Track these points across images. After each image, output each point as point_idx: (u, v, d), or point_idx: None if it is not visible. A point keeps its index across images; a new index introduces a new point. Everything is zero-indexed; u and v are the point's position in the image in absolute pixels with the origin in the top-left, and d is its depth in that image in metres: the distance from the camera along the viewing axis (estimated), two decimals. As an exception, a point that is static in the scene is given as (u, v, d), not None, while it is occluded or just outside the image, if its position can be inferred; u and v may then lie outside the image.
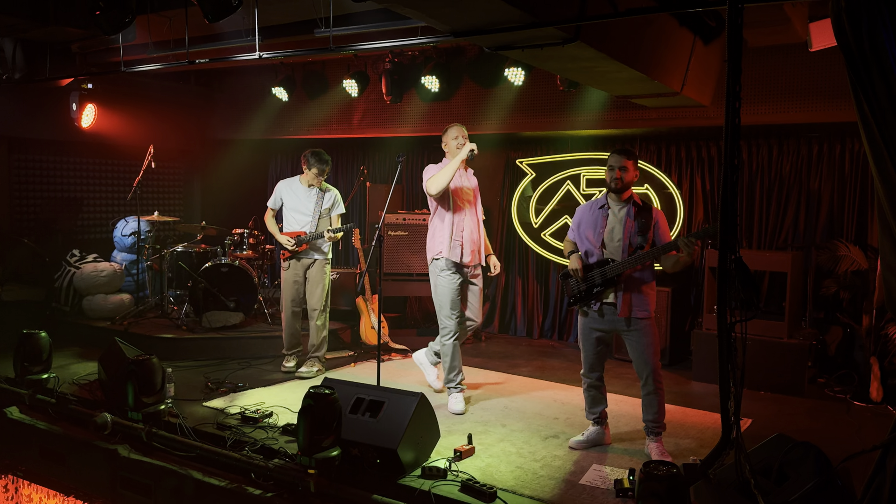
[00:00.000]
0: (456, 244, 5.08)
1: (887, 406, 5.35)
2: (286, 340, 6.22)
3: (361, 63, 7.66)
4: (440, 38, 4.77)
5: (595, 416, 4.49)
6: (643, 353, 4.22)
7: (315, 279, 6.10)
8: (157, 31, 5.98)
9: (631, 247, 4.20)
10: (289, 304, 6.14)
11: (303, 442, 3.77)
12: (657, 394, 4.23)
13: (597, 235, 4.32)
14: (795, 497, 2.82)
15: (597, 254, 4.31)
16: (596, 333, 4.36)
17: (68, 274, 7.53)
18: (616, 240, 4.26)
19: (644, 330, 4.22)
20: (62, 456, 5.01)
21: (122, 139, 8.41)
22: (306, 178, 6.09)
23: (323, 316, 6.14)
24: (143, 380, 4.65)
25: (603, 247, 4.29)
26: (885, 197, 2.70)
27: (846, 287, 5.98)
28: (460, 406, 5.10)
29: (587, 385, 4.47)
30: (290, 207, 6.14)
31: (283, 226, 6.19)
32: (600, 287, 4.24)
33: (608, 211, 4.33)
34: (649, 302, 4.25)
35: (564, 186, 7.48)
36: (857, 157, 6.25)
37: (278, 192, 6.20)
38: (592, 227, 4.36)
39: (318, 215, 6.08)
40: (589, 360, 4.42)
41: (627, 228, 4.23)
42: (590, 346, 4.40)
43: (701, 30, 5.55)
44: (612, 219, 4.30)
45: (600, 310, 4.30)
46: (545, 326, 7.93)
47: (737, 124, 2.89)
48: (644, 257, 4.12)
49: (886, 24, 2.57)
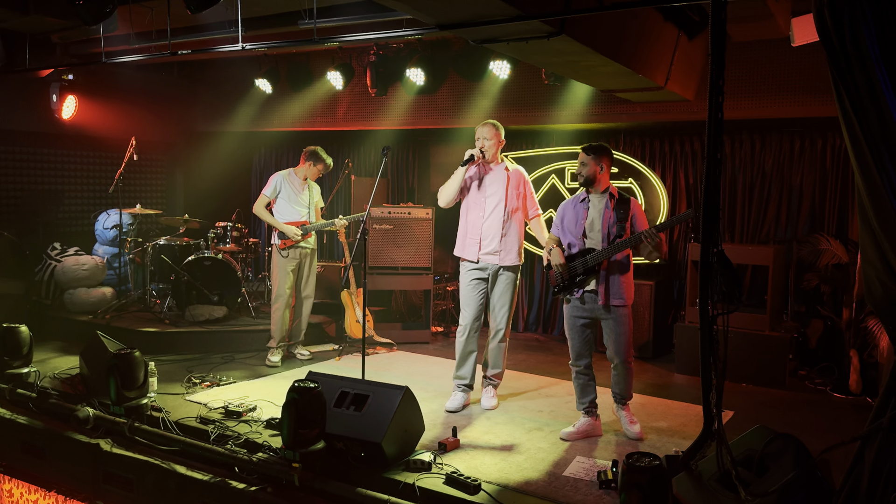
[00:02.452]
0: (472, 242, 5.03)
1: (866, 398, 5.43)
2: (278, 332, 6.23)
3: (346, 55, 7.62)
4: (425, 30, 4.75)
5: (585, 405, 4.56)
6: (616, 341, 4.45)
7: (311, 267, 6.39)
8: (139, 21, 5.90)
9: (610, 236, 4.39)
10: (287, 293, 6.23)
11: (287, 436, 3.76)
12: (626, 374, 4.53)
13: (578, 227, 4.50)
14: (776, 488, 2.85)
15: (578, 244, 4.48)
16: (581, 321, 4.53)
17: (49, 267, 7.45)
18: (596, 230, 4.44)
19: (619, 319, 4.42)
20: (43, 451, 4.96)
21: (104, 131, 8.32)
22: (305, 172, 6.31)
23: (311, 302, 6.44)
24: (125, 374, 4.61)
25: (584, 237, 4.47)
26: (866, 191, 2.73)
27: (827, 280, 6.05)
28: (452, 404, 5.02)
29: (576, 373, 4.58)
30: (289, 199, 6.26)
31: (278, 216, 6.24)
32: (582, 276, 4.43)
33: (588, 203, 4.50)
34: (626, 291, 4.44)
35: (549, 180, 7.49)
36: (838, 152, 6.31)
37: (278, 183, 6.27)
38: (574, 220, 4.54)
39: (311, 207, 6.34)
40: (576, 347, 4.55)
41: (606, 219, 4.42)
42: (576, 334, 4.55)
43: (685, 24, 5.57)
44: (593, 210, 4.48)
45: (582, 297, 4.48)
46: (530, 320, 7.96)
47: (720, 119, 2.91)
48: (621, 246, 4.31)
49: (868, 19, 2.59)
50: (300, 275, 6.32)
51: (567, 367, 4.67)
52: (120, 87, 8.38)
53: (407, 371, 6.07)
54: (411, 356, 6.66)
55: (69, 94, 7.71)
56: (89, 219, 8.55)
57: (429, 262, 7.22)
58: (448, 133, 7.93)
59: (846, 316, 5.75)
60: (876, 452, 2.81)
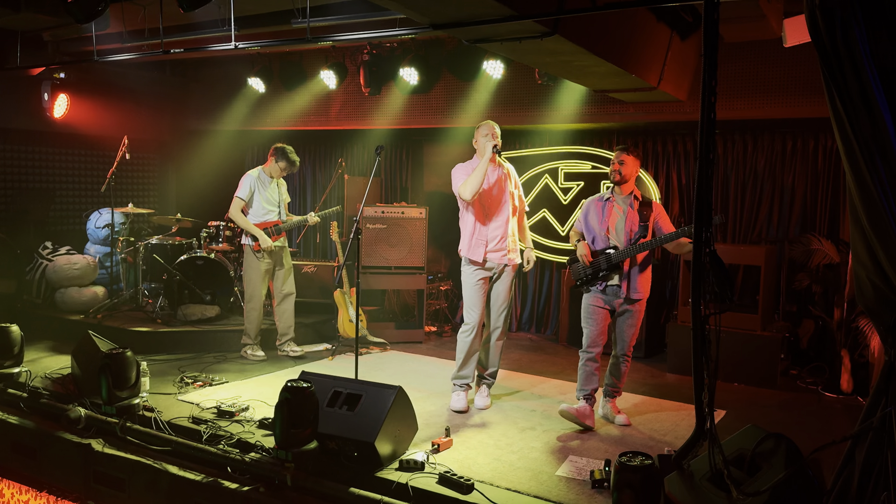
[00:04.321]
0: (479, 242, 4.97)
1: (857, 397, 5.46)
2: (255, 330, 6.35)
3: (339, 54, 7.61)
4: (419, 29, 4.74)
5: (586, 392, 4.67)
6: (629, 333, 4.71)
7: (288, 265, 6.43)
8: (131, 19, 5.89)
9: (632, 235, 4.64)
10: (263, 293, 6.31)
11: (280, 435, 3.75)
12: (626, 367, 4.80)
13: (602, 225, 4.75)
14: (767, 487, 2.87)
15: (601, 242, 4.73)
16: (600, 309, 4.74)
17: (40, 266, 7.41)
18: (619, 229, 4.69)
19: (636, 313, 4.70)
20: (34, 451, 4.94)
21: (96, 129, 8.28)
22: (272, 170, 6.33)
23: (294, 298, 6.48)
24: (117, 373, 4.59)
25: (608, 235, 4.72)
26: (857, 192, 2.74)
27: (818, 281, 6.07)
28: (459, 404, 5.00)
29: (585, 360, 4.70)
30: (262, 199, 6.28)
31: (253, 217, 6.28)
32: (605, 271, 4.68)
33: (613, 203, 4.75)
34: (646, 285, 4.72)
35: (542, 180, 7.50)
36: (829, 153, 6.34)
37: (251, 184, 6.26)
38: (598, 218, 4.79)
39: (281, 205, 6.40)
40: (592, 335, 4.72)
41: (629, 219, 4.68)
42: (594, 323, 4.74)
43: (678, 25, 5.59)
44: (617, 210, 4.73)
45: (604, 290, 4.71)
46: (523, 320, 7.96)
47: (712, 119, 2.91)
48: (647, 245, 4.58)
49: (859, 21, 2.60)
50: (277, 274, 6.37)
51: (561, 366, 4.72)
52: (112, 86, 8.34)
53: (400, 371, 6.07)
54: (404, 356, 6.65)
55: (61, 93, 7.67)
56: (81, 218, 8.51)
57: (422, 261, 7.22)
58: (442, 132, 7.92)
59: (837, 316, 5.78)
60: (867, 452, 2.82)
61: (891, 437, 2.73)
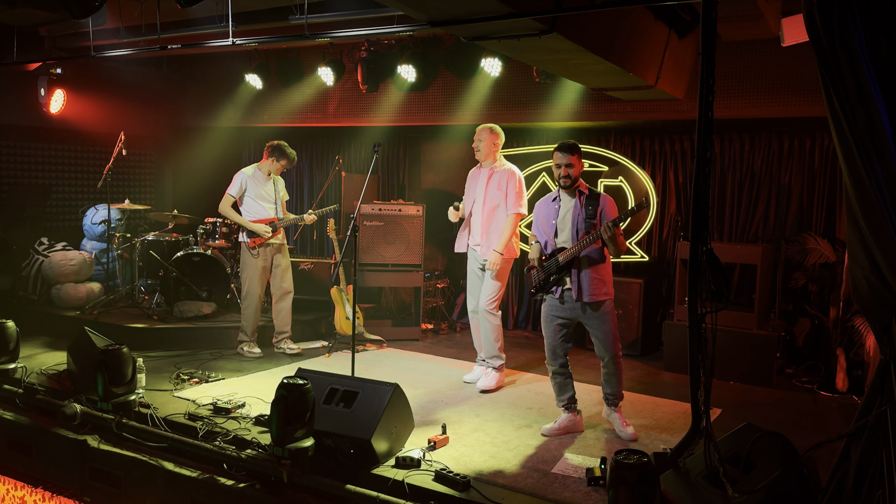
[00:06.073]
0: (463, 235, 5.70)
1: (852, 396, 5.47)
2: (251, 327, 6.34)
3: (337, 51, 7.60)
4: (417, 27, 4.74)
5: (564, 402, 4.59)
6: (603, 339, 4.47)
7: (285, 263, 6.41)
8: (128, 15, 5.87)
9: (579, 233, 4.42)
10: (260, 291, 6.30)
11: (276, 432, 3.75)
12: (616, 373, 4.51)
13: (550, 226, 4.56)
14: (762, 485, 2.87)
15: (552, 244, 4.54)
16: (557, 320, 4.55)
17: (36, 262, 7.39)
18: (567, 228, 4.48)
19: (603, 317, 4.44)
20: (30, 447, 4.93)
21: (92, 125, 8.26)
22: (269, 167, 6.32)
23: (291, 296, 6.46)
24: (113, 370, 4.58)
25: (556, 236, 4.53)
26: (853, 191, 2.75)
27: (814, 280, 6.09)
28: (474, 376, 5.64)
29: (552, 373, 4.62)
30: (256, 196, 6.28)
31: (247, 215, 6.27)
32: (556, 274, 4.47)
33: (559, 202, 4.56)
34: (601, 286, 4.42)
35: (539, 178, 7.50)
36: (826, 152, 6.34)
37: (243, 181, 6.28)
38: (547, 219, 4.60)
39: (277, 202, 6.38)
40: (551, 346, 4.58)
41: (575, 216, 4.46)
42: (551, 333, 4.57)
43: (676, 23, 5.59)
44: (563, 209, 4.53)
45: (561, 296, 4.50)
46: (519, 317, 7.97)
47: (710, 118, 2.92)
48: (585, 242, 4.33)
49: (857, 21, 2.61)
50: (274, 271, 6.36)
51: (557, 365, 4.68)
52: (109, 82, 8.31)
53: (396, 368, 6.06)
54: (401, 353, 6.65)
55: (57, 88, 7.64)
56: (77, 214, 8.49)
57: (419, 259, 7.22)
58: (439, 130, 7.92)
59: (833, 315, 5.80)
60: (862, 450, 2.84)
61: (886, 435, 2.74)
